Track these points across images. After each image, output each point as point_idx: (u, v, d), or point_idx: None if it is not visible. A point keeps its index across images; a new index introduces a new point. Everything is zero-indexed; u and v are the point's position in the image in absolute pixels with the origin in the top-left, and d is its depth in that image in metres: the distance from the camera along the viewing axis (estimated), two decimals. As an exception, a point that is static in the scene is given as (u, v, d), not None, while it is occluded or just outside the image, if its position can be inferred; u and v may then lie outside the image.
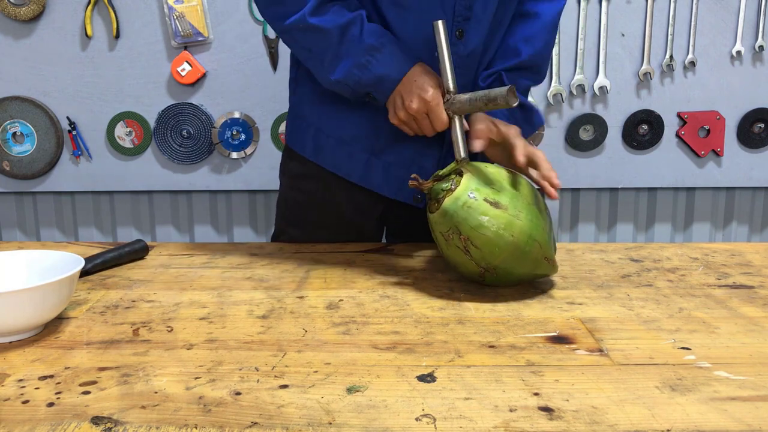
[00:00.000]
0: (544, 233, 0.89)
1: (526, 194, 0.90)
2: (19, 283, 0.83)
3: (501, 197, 0.87)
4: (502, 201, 0.86)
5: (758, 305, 0.86)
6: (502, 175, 0.91)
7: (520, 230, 0.85)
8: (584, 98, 1.91)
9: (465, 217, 0.86)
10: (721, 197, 2.03)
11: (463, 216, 0.86)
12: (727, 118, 1.91)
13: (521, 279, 0.91)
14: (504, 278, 0.90)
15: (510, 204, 0.86)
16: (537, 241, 0.87)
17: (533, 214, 0.88)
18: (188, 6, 1.81)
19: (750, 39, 1.87)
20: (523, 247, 0.86)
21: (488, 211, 0.85)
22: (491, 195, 0.86)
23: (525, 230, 0.86)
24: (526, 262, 0.88)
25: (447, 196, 0.88)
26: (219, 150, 1.92)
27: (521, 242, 0.86)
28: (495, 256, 0.86)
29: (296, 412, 0.59)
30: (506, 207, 0.86)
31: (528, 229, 0.86)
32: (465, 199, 0.86)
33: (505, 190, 0.88)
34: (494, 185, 0.88)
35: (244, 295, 0.91)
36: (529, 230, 0.86)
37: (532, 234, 0.86)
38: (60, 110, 1.89)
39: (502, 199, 0.86)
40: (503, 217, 0.85)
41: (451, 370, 0.67)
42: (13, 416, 0.58)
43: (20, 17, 1.81)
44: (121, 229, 2.02)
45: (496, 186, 0.88)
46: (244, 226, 2.03)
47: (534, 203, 0.90)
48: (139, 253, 1.08)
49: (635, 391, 0.62)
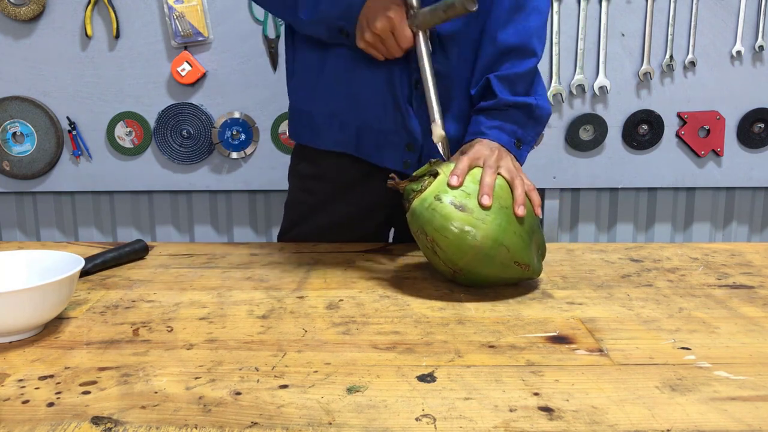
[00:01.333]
0: (516, 237, 0.88)
1: (502, 197, 0.89)
2: (19, 283, 0.83)
3: (468, 200, 0.87)
4: (469, 204, 0.87)
5: (758, 305, 0.86)
6: (477, 177, 0.90)
7: (484, 234, 0.85)
8: (584, 98, 1.91)
9: (429, 218, 0.87)
10: (721, 197, 2.03)
11: (428, 217, 0.87)
12: (727, 118, 1.91)
13: (494, 281, 0.91)
14: (475, 279, 0.90)
15: (477, 207, 0.87)
16: (504, 246, 0.87)
17: (503, 218, 0.87)
18: (188, 6, 1.81)
19: (750, 39, 1.87)
20: (487, 251, 0.86)
21: (452, 214, 0.86)
22: (458, 198, 0.87)
23: (490, 235, 0.86)
24: (493, 266, 0.88)
25: (416, 197, 0.89)
26: (219, 150, 1.92)
27: (486, 246, 0.86)
28: (458, 258, 0.87)
29: (296, 412, 0.59)
30: (472, 210, 0.86)
31: (494, 234, 0.86)
32: (431, 201, 0.87)
33: (476, 194, 0.88)
34: (465, 188, 0.88)
35: (244, 295, 0.91)
36: (495, 235, 0.86)
37: (499, 238, 0.86)
38: (60, 110, 1.89)
39: (470, 202, 0.87)
40: (467, 220, 0.85)
41: (451, 370, 0.67)
42: (13, 416, 0.58)
43: (20, 17, 1.81)
44: (121, 229, 2.02)
45: (467, 189, 0.88)
46: (244, 226, 2.03)
47: (509, 206, 0.89)
48: (139, 253, 1.08)
49: (635, 391, 0.62)
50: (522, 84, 1.07)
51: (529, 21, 1.08)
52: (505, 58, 1.07)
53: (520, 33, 1.07)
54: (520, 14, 1.07)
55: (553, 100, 1.89)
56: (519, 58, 1.07)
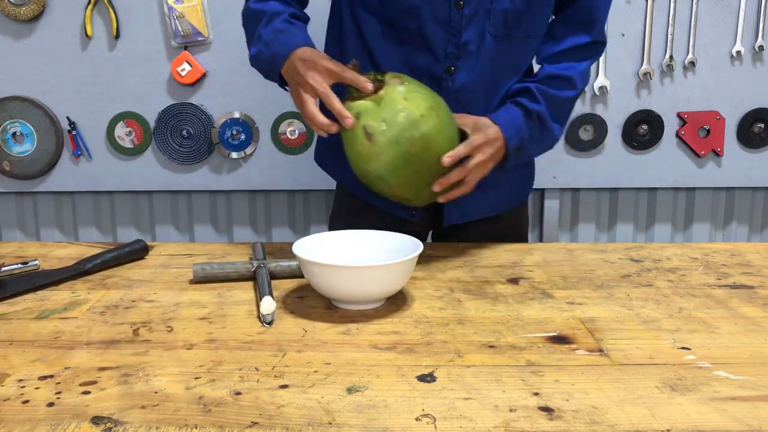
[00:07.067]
0: (403, 178, 0.94)
1: (433, 146, 0.93)
2: (370, 259, 0.93)
3: (379, 130, 0.92)
4: (377, 135, 0.92)
5: (758, 305, 0.86)
6: (413, 106, 0.93)
7: (376, 166, 0.93)
8: (584, 98, 1.91)
9: (343, 130, 0.96)
10: (721, 197, 2.02)
11: (342, 129, 0.96)
12: (727, 118, 1.91)
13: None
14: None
15: (382, 139, 0.92)
16: (387, 182, 0.95)
17: (405, 158, 0.92)
18: (188, 6, 1.81)
19: (750, 39, 1.87)
20: (371, 180, 0.96)
21: (357, 139, 0.93)
22: (372, 124, 0.92)
23: (377, 170, 0.94)
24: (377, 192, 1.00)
25: (350, 100, 0.95)
26: (219, 150, 1.92)
27: (371, 176, 0.95)
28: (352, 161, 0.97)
29: (296, 412, 0.59)
30: (376, 143, 0.92)
31: (381, 171, 0.93)
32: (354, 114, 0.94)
33: (394, 124, 0.91)
34: (385, 115, 0.92)
35: (244, 295, 0.91)
36: (381, 171, 0.94)
37: (384, 175, 0.94)
38: (60, 110, 1.89)
39: (378, 132, 0.92)
40: (365, 147, 0.93)
41: (451, 370, 0.67)
42: (13, 416, 0.58)
43: (20, 17, 1.81)
44: (121, 229, 2.02)
45: (387, 117, 0.91)
46: (244, 226, 2.03)
47: (428, 158, 0.94)
48: (139, 253, 1.08)
49: (635, 391, 0.62)
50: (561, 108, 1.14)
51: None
52: (550, 82, 1.12)
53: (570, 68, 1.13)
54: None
55: (553, 100, 1.88)
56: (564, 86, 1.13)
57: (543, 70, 1.12)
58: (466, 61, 1.07)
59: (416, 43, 1.07)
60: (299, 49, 1.01)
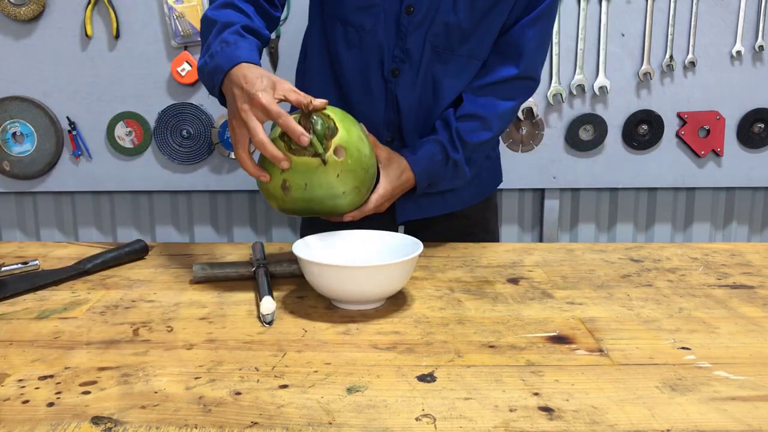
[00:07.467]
0: (320, 204, 0.93)
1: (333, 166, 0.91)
2: (370, 259, 0.93)
3: (298, 188, 0.90)
4: (293, 191, 0.91)
5: (758, 305, 0.86)
6: (340, 183, 0.91)
7: (278, 206, 0.94)
8: (584, 98, 1.91)
9: (263, 159, 0.95)
10: (721, 197, 2.03)
11: (262, 159, 0.95)
12: (727, 118, 1.91)
13: None
14: None
15: (296, 195, 0.91)
16: (283, 210, 0.95)
17: (310, 211, 0.94)
18: (188, 6, 1.81)
19: (750, 39, 1.87)
20: (266, 198, 0.96)
21: (273, 182, 0.92)
22: (294, 181, 0.91)
23: (279, 207, 0.95)
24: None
25: (288, 141, 0.92)
26: (219, 150, 1.92)
27: (269, 201, 0.95)
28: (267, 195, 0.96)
29: (296, 412, 0.59)
30: (289, 196, 0.91)
31: (282, 208, 0.94)
32: (279, 179, 0.91)
33: (314, 191, 0.91)
34: (311, 181, 0.90)
35: (244, 295, 0.91)
36: (282, 208, 0.94)
37: (282, 209, 0.95)
38: (60, 110, 1.89)
39: (295, 189, 0.91)
40: (277, 192, 0.92)
41: (451, 370, 0.67)
42: (13, 416, 0.58)
43: (20, 17, 1.81)
44: (121, 229, 2.02)
45: (312, 183, 0.90)
46: (244, 226, 2.03)
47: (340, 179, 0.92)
48: (139, 253, 1.08)
49: (635, 391, 0.62)
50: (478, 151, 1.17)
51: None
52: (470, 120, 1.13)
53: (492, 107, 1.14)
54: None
55: (553, 101, 1.88)
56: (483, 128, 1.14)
57: (464, 106, 1.13)
58: (410, 68, 1.11)
59: (369, 42, 1.10)
60: (240, 66, 0.91)
